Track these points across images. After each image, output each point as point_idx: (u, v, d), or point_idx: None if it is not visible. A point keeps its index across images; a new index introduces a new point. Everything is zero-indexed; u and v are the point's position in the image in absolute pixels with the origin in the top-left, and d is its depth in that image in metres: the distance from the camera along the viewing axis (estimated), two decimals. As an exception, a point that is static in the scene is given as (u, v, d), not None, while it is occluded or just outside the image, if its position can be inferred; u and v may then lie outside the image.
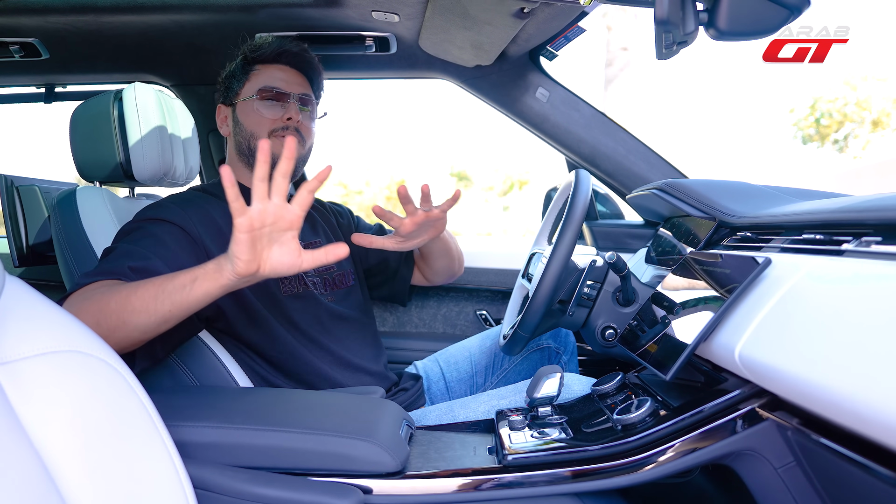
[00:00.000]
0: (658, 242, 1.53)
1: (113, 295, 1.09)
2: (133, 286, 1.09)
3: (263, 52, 1.52)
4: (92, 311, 1.07)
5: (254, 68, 1.53)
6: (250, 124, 1.50)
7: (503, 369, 1.73)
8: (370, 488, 0.99)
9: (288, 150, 0.99)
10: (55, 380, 0.69)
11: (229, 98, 1.55)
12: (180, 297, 1.06)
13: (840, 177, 13.00)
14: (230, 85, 1.55)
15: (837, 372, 0.65)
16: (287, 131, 1.49)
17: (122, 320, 1.07)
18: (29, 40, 1.86)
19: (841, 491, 0.76)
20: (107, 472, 0.70)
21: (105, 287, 1.13)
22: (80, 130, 1.54)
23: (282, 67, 1.54)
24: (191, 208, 1.39)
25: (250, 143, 1.50)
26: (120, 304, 1.07)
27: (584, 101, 2.01)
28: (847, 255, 0.82)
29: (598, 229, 2.16)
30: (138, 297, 1.07)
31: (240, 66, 1.54)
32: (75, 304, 1.10)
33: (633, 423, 1.00)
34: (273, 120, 1.49)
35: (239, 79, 1.54)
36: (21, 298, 0.72)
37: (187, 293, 1.06)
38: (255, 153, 1.41)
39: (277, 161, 1.33)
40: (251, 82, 1.52)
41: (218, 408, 1.10)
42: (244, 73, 1.53)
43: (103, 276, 1.17)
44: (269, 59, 1.53)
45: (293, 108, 1.51)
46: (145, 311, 1.07)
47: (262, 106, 1.49)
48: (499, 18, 1.54)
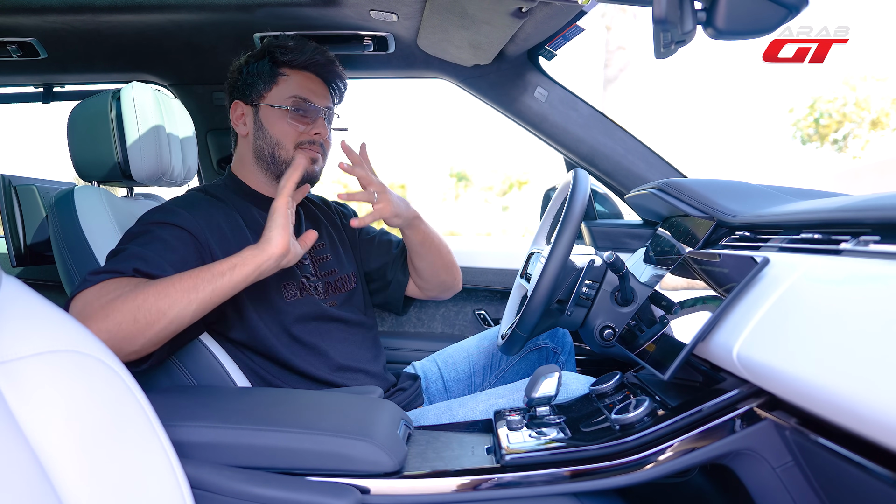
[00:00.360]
0: (656, 242, 1.53)
1: (146, 289, 1.11)
2: (168, 280, 1.14)
3: (295, 58, 1.49)
4: (127, 307, 1.09)
5: (283, 72, 1.49)
6: (277, 133, 1.48)
7: (501, 369, 1.73)
8: (368, 488, 0.99)
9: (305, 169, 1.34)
10: (52, 380, 0.69)
11: (251, 97, 1.51)
12: (221, 284, 1.16)
13: (839, 176, 13.01)
14: (253, 83, 1.50)
15: (836, 371, 0.65)
16: (313, 146, 1.50)
17: (162, 312, 1.11)
18: (27, 40, 1.86)
19: (839, 490, 0.76)
20: (104, 472, 0.70)
21: (127, 284, 1.14)
22: (77, 130, 1.53)
23: (311, 77, 1.52)
24: (196, 211, 1.38)
25: (274, 152, 1.49)
26: (157, 296, 1.11)
27: (582, 100, 2.01)
28: (845, 254, 0.82)
29: (596, 229, 2.16)
30: (177, 289, 1.13)
31: (267, 66, 1.50)
32: (97, 300, 1.11)
33: (631, 423, 1.00)
34: (301, 133, 1.49)
35: (266, 80, 1.50)
36: (18, 298, 0.72)
37: (227, 280, 1.17)
38: (277, 161, 1.49)
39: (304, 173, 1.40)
40: (280, 87, 1.49)
41: (215, 408, 1.10)
42: (272, 74, 1.49)
43: (116, 275, 1.17)
44: (300, 65, 1.50)
45: (321, 124, 1.51)
46: (185, 301, 1.13)
47: (294, 117, 1.48)
48: (497, 18, 1.54)
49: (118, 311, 1.09)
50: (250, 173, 1.54)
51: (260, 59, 1.50)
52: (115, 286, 1.14)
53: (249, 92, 1.51)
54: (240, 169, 1.55)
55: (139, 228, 1.32)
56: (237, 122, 1.54)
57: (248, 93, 1.51)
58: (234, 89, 1.54)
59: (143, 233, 1.30)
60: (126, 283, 1.15)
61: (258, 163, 1.52)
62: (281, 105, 1.47)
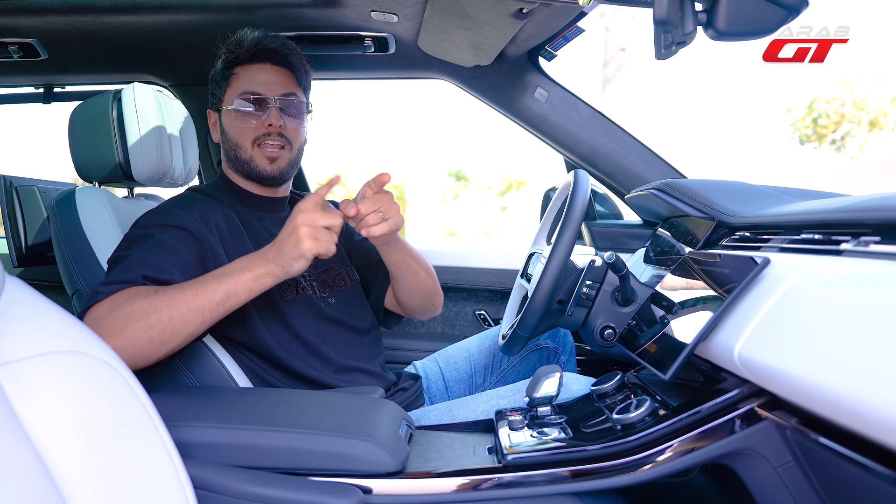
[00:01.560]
0: (657, 242, 1.53)
1: (160, 307, 1.11)
2: (181, 297, 1.13)
3: (240, 53, 1.46)
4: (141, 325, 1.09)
5: (233, 72, 1.48)
6: (234, 133, 1.47)
7: (502, 369, 1.73)
8: (370, 488, 0.99)
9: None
10: (55, 380, 0.69)
11: (215, 103, 1.52)
12: (235, 303, 1.17)
13: (838, 177, 13.03)
14: (214, 90, 1.52)
15: (836, 371, 0.65)
16: (270, 137, 1.46)
17: (176, 332, 1.12)
18: (28, 40, 1.86)
19: (840, 490, 0.76)
20: (107, 472, 0.70)
21: (138, 294, 1.13)
22: (78, 131, 1.54)
23: (262, 67, 1.48)
24: (194, 211, 1.38)
25: (237, 154, 1.48)
26: (172, 316, 1.11)
27: (582, 101, 2.01)
28: (846, 254, 0.83)
29: (596, 229, 2.16)
30: (190, 308, 1.12)
31: (220, 69, 1.50)
32: (109, 316, 1.10)
33: (632, 423, 1.00)
34: (255, 128, 1.46)
35: (220, 83, 1.49)
36: (21, 299, 0.72)
37: (244, 299, 1.17)
38: (241, 161, 1.47)
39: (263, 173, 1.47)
40: (232, 87, 1.47)
41: (218, 408, 1.10)
42: (224, 77, 1.49)
43: (126, 285, 1.16)
44: (247, 59, 1.47)
45: (273, 114, 1.45)
46: (200, 321, 1.14)
47: (243, 114, 1.45)
48: (497, 19, 1.54)
49: (132, 329, 1.08)
50: (233, 175, 1.54)
51: (219, 62, 1.51)
52: (126, 297, 1.13)
53: (213, 99, 1.52)
54: (228, 171, 1.56)
55: (139, 232, 1.31)
56: (212, 129, 1.55)
57: (213, 100, 1.53)
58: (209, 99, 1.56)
59: (143, 236, 1.29)
60: (136, 292, 1.14)
61: (232, 165, 1.52)
62: (231, 106, 1.46)
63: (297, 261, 1.16)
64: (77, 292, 1.37)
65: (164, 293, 1.13)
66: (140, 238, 1.29)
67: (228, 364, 1.36)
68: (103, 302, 1.13)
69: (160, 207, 1.40)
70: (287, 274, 1.18)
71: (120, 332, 1.08)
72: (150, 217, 1.36)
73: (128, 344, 1.08)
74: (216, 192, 1.50)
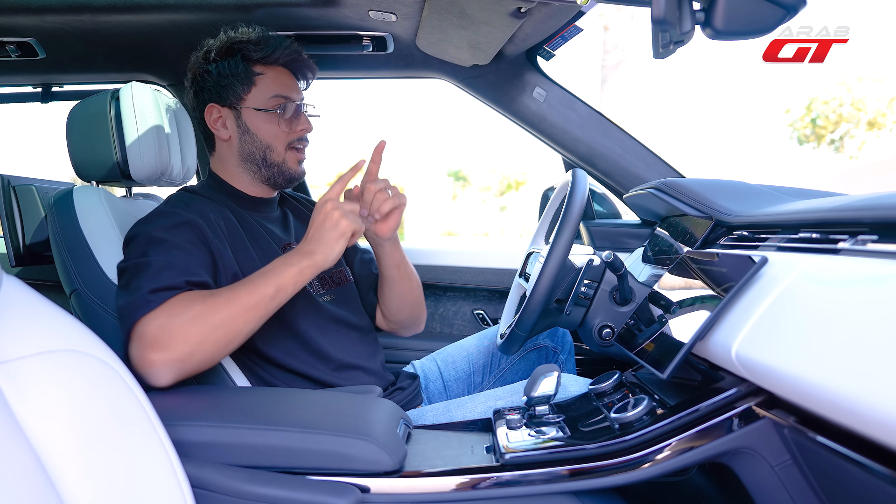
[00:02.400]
0: (655, 242, 1.53)
1: (218, 310, 1.16)
2: (235, 299, 1.18)
3: (268, 55, 1.45)
4: (202, 329, 1.14)
5: (258, 71, 1.46)
6: (266, 136, 1.46)
7: (500, 369, 1.73)
8: (368, 487, 0.99)
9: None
10: (53, 379, 0.69)
11: (228, 100, 1.46)
12: (284, 298, 1.24)
13: (836, 177, 13.03)
14: (229, 85, 1.45)
15: (834, 370, 0.65)
16: (300, 142, 1.50)
17: (237, 331, 1.18)
18: (25, 40, 1.86)
19: (838, 489, 0.77)
20: (105, 472, 0.70)
21: (192, 302, 1.16)
22: (76, 130, 1.53)
23: (283, 71, 1.49)
24: (193, 210, 1.37)
25: (266, 155, 1.47)
26: (231, 318, 1.17)
27: (581, 100, 2.01)
28: (843, 253, 0.83)
29: (595, 229, 2.17)
30: (245, 306, 1.18)
31: (241, 65, 1.45)
32: (171, 323, 1.12)
33: (630, 422, 1.00)
34: (289, 133, 1.48)
35: (243, 81, 1.45)
36: (18, 298, 0.72)
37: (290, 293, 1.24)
38: (269, 163, 1.48)
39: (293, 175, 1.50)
40: (259, 88, 1.45)
41: (216, 407, 1.10)
42: (248, 74, 1.45)
43: (175, 291, 1.18)
44: (273, 61, 1.47)
45: (305, 120, 1.50)
46: (256, 320, 1.21)
47: (282, 119, 1.46)
48: (496, 18, 1.54)
49: (199, 332, 1.13)
50: (235, 175, 1.51)
51: (229, 57, 1.45)
52: (184, 303, 1.16)
53: (226, 94, 1.46)
54: (222, 170, 1.53)
55: (152, 236, 1.28)
56: (218, 126, 1.48)
57: (224, 95, 1.46)
58: (203, 91, 1.48)
59: (158, 241, 1.27)
60: (191, 297, 1.17)
61: (245, 165, 1.49)
62: (266, 108, 1.45)
63: (337, 241, 1.27)
64: (75, 291, 1.37)
65: (219, 295, 1.18)
66: (155, 242, 1.27)
67: (226, 362, 1.36)
68: (158, 310, 1.14)
69: (161, 210, 1.38)
70: (327, 262, 1.27)
71: (188, 337, 1.12)
72: (154, 221, 1.33)
73: (197, 347, 1.13)
74: (210, 193, 1.49)
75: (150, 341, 1.11)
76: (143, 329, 1.12)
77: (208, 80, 1.46)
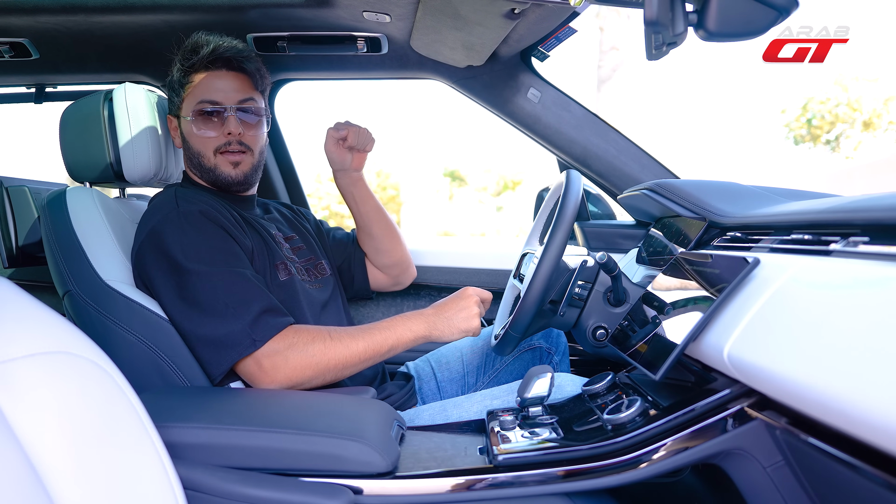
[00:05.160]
0: (649, 243, 1.54)
1: (340, 346, 1.29)
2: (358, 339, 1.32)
3: (196, 60, 1.47)
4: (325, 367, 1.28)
5: (190, 79, 1.49)
6: (195, 143, 1.49)
7: (494, 369, 1.73)
8: (361, 489, 0.99)
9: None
10: (45, 381, 0.69)
11: (174, 110, 1.53)
12: (404, 345, 1.38)
13: (832, 177, 13.08)
14: (172, 96, 1.52)
15: (825, 371, 0.65)
16: (231, 146, 1.49)
17: (354, 365, 1.32)
18: (19, 40, 1.85)
19: (829, 490, 0.77)
20: (96, 474, 0.70)
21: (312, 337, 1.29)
22: (69, 131, 1.53)
23: (218, 74, 1.49)
24: (199, 204, 1.39)
25: (200, 161, 1.50)
26: (349, 354, 1.30)
27: (575, 101, 2.01)
28: (835, 255, 0.83)
29: (589, 229, 2.16)
30: (370, 349, 1.33)
31: (178, 75, 1.50)
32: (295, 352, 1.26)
33: (623, 423, 1.00)
34: (215, 138, 1.48)
35: (177, 91, 1.50)
36: (10, 300, 0.72)
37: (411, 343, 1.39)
38: (205, 169, 1.50)
39: (228, 178, 1.50)
40: (189, 96, 1.49)
41: (208, 408, 1.10)
42: (181, 84, 1.50)
43: (278, 328, 1.27)
44: (202, 66, 1.48)
45: (232, 122, 1.48)
46: (371, 359, 1.34)
47: (202, 125, 1.47)
48: (490, 19, 1.54)
49: (310, 371, 1.27)
50: (198, 179, 1.56)
51: (173, 68, 1.52)
52: (291, 340, 1.27)
53: (172, 105, 1.53)
54: (191, 174, 1.57)
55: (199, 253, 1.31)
56: (174, 135, 1.56)
57: (171, 106, 1.54)
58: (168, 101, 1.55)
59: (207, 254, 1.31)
60: (302, 336, 1.28)
61: (195, 171, 1.54)
62: (191, 116, 1.48)
63: (461, 332, 1.41)
64: (68, 293, 1.36)
65: (338, 340, 1.30)
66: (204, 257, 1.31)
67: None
68: (272, 343, 1.25)
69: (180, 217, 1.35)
70: (440, 340, 1.41)
71: (304, 372, 1.26)
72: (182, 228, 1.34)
73: (309, 381, 1.27)
74: (195, 191, 1.50)
75: (269, 366, 1.24)
76: (259, 354, 1.25)
77: (168, 92, 1.54)
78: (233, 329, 1.23)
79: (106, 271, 1.34)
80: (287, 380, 1.25)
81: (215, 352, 1.24)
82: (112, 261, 1.36)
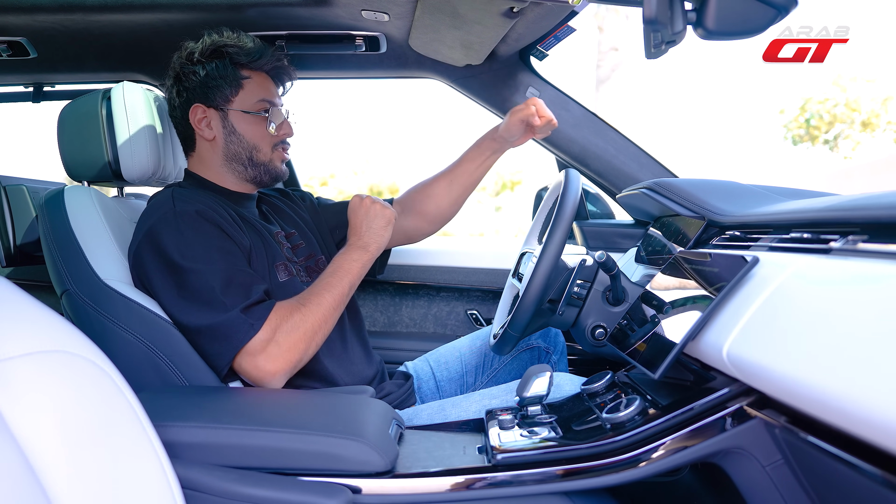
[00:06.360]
0: (648, 242, 1.54)
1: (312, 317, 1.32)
2: (322, 293, 1.36)
3: (254, 61, 1.50)
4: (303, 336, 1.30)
5: (245, 75, 1.50)
6: (253, 137, 1.50)
7: (493, 369, 1.73)
8: (359, 488, 0.98)
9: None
10: (42, 380, 0.68)
11: (215, 101, 1.48)
12: (359, 275, 1.45)
13: (831, 177, 13.09)
14: (217, 87, 1.48)
15: (824, 370, 0.65)
16: (284, 144, 1.57)
17: (333, 318, 1.37)
18: (16, 39, 1.85)
19: (829, 488, 0.77)
20: (94, 473, 0.70)
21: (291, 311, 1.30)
22: (67, 130, 1.53)
23: (267, 77, 1.55)
24: (197, 204, 1.38)
25: (252, 155, 1.51)
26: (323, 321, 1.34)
27: (574, 100, 2.01)
28: (834, 253, 0.83)
29: (588, 229, 2.17)
30: (330, 309, 1.36)
31: (230, 69, 1.48)
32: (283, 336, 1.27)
33: (622, 422, 1.00)
34: (275, 136, 1.53)
35: (230, 83, 1.48)
36: (8, 298, 0.72)
37: (362, 271, 1.45)
38: (256, 163, 1.52)
39: (278, 174, 1.57)
40: (246, 91, 1.49)
41: (206, 407, 1.10)
42: (236, 78, 1.49)
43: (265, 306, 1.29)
44: (258, 68, 1.52)
45: (288, 125, 1.58)
46: (335, 318, 1.38)
47: (264, 120, 1.51)
48: (488, 18, 1.54)
49: (306, 344, 1.30)
50: (218, 174, 1.53)
51: (216, 59, 1.48)
52: (279, 319, 1.29)
53: (213, 95, 1.48)
54: (203, 170, 1.54)
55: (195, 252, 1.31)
56: (199, 125, 1.49)
57: (210, 96, 1.48)
58: (187, 91, 1.49)
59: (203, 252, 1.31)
60: (285, 313, 1.30)
61: (230, 165, 1.52)
62: (253, 111, 1.50)
63: (385, 229, 1.50)
64: (66, 292, 1.36)
65: (307, 302, 1.33)
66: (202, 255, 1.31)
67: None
68: (266, 328, 1.26)
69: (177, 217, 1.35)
70: (379, 249, 1.49)
71: (297, 347, 1.28)
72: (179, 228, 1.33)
73: (304, 354, 1.31)
74: (194, 190, 1.49)
75: (265, 358, 1.25)
76: (253, 347, 1.25)
77: (193, 81, 1.48)
78: (230, 316, 1.24)
79: (104, 270, 1.34)
80: (287, 363, 1.26)
81: (217, 342, 1.25)
82: (110, 260, 1.36)
